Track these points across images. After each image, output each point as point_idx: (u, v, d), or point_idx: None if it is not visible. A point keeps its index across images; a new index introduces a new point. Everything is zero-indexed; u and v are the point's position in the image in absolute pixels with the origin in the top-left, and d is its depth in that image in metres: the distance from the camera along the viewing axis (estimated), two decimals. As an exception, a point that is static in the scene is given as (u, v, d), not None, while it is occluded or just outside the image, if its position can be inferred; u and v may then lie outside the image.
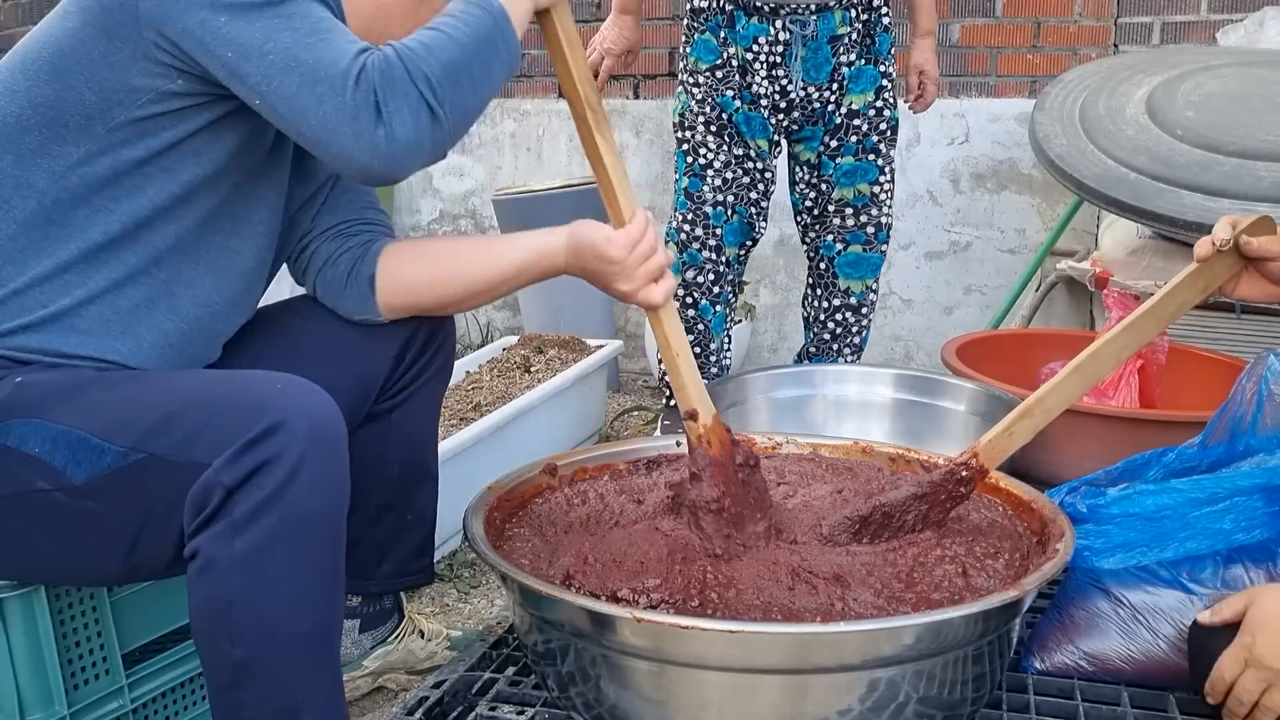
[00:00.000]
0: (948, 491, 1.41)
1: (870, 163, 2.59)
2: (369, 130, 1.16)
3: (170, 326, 1.32)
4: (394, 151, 1.17)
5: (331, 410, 1.19)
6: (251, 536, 1.12)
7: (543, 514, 1.51)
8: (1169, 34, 3.29)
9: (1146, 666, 1.42)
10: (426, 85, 1.18)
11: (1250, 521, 1.35)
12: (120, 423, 1.19)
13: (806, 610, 1.24)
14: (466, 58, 1.21)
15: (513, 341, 3.03)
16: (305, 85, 1.16)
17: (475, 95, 1.23)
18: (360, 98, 1.16)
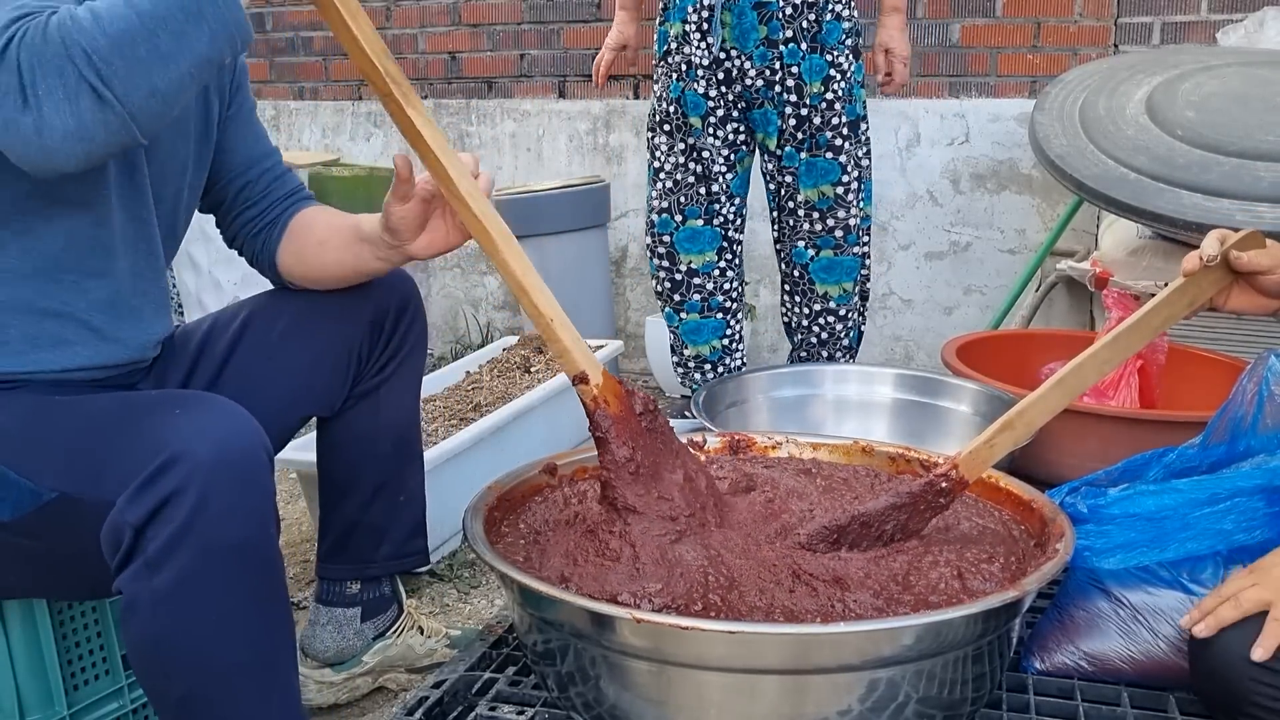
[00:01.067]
0: (927, 502, 1.41)
1: (831, 161, 2.54)
2: (15, 116, 1.00)
3: (92, 318, 1.30)
4: (47, 140, 1.01)
5: (242, 431, 1.13)
6: (169, 573, 1.08)
7: (542, 514, 1.51)
8: (1169, 34, 3.30)
9: (1146, 667, 1.42)
10: (87, 62, 1.00)
11: (1251, 522, 1.35)
12: (35, 457, 1.17)
13: (807, 612, 1.24)
14: (149, 28, 1.02)
15: (513, 341, 3.03)
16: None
17: (165, 72, 1.04)
18: (4, 79, 1.00)
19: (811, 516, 1.46)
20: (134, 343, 1.37)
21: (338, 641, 1.70)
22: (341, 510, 1.66)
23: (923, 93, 3.53)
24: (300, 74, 4.32)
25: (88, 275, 1.30)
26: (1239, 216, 2.21)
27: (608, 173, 3.86)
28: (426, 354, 1.70)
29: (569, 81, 3.91)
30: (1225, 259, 1.38)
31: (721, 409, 2.23)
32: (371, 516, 1.65)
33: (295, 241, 1.56)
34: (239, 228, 1.59)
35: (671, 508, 1.35)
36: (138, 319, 1.38)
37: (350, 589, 1.69)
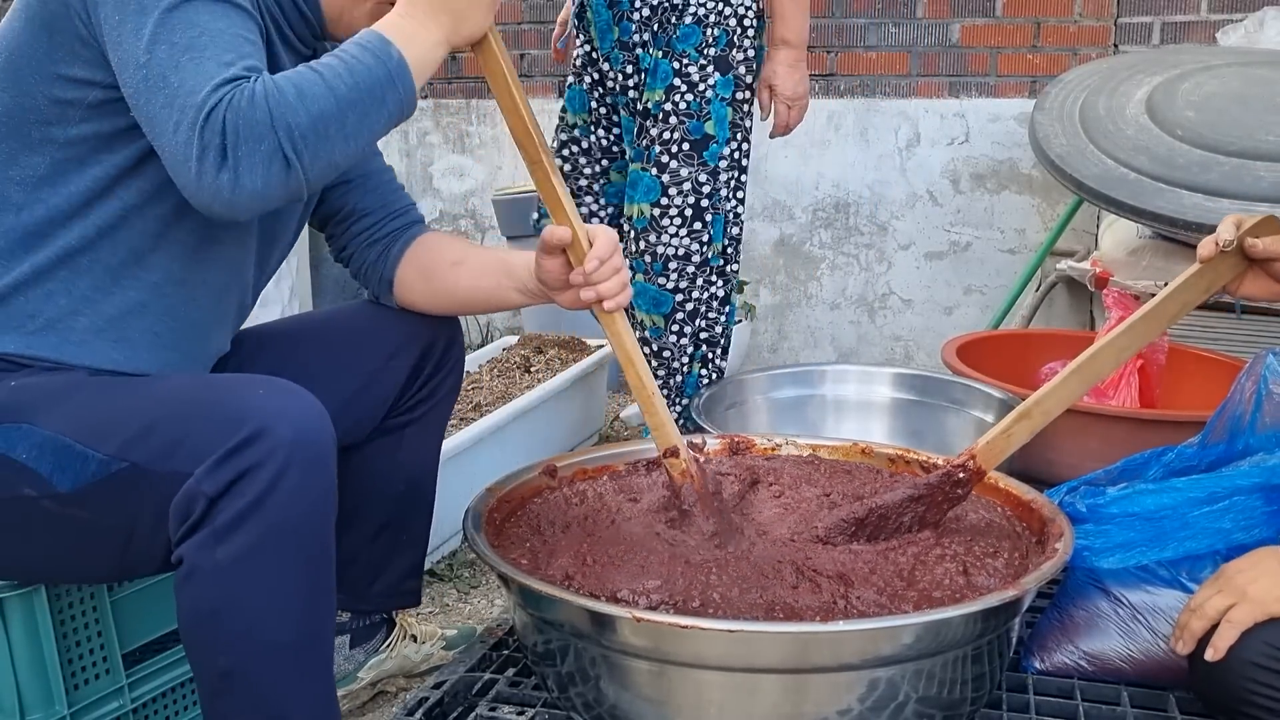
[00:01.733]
0: (944, 493, 1.41)
1: (654, 179, 2.24)
2: (211, 173, 1.09)
3: (163, 328, 1.31)
4: (236, 199, 1.10)
5: (317, 416, 1.17)
6: (234, 545, 1.11)
7: (542, 514, 1.51)
8: (1169, 34, 3.29)
9: (1146, 666, 1.42)
10: (288, 136, 1.10)
11: (1249, 520, 1.35)
12: (104, 430, 1.18)
13: (809, 608, 1.24)
14: (342, 111, 1.13)
15: (513, 341, 3.03)
16: (165, 108, 1.10)
17: (346, 147, 1.15)
18: (208, 137, 1.08)
19: (833, 502, 1.46)
20: (193, 355, 1.38)
21: None
22: (343, 541, 1.65)
23: (923, 93, 3.53)
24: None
25: (170, 280, 1.31)
26: (1239, 216, 2.21)
27: (608, 173, 3.86)
28: (455, 402, 1.70)
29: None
30: (1240, 245, 1.38)
31: (721, 410, 2.23)
32: (371, 553, 1.64)
33: (423, 258, 1.55)
34: (351, 237, 1.58)
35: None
36: (206, 334, 1.39)
37: (339, 617, 1.69)
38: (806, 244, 3.71)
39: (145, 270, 1.28)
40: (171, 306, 1.32)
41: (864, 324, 3.69)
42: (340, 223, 1.59)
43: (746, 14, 2.26)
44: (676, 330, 2.31)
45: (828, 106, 3.61)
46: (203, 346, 1.39)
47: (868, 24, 3.55)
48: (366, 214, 1.58)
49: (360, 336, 1.57)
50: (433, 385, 1.61)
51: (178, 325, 1.33)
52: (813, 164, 3.65)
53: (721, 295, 2.33)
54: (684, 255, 2.25)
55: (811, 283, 3.73)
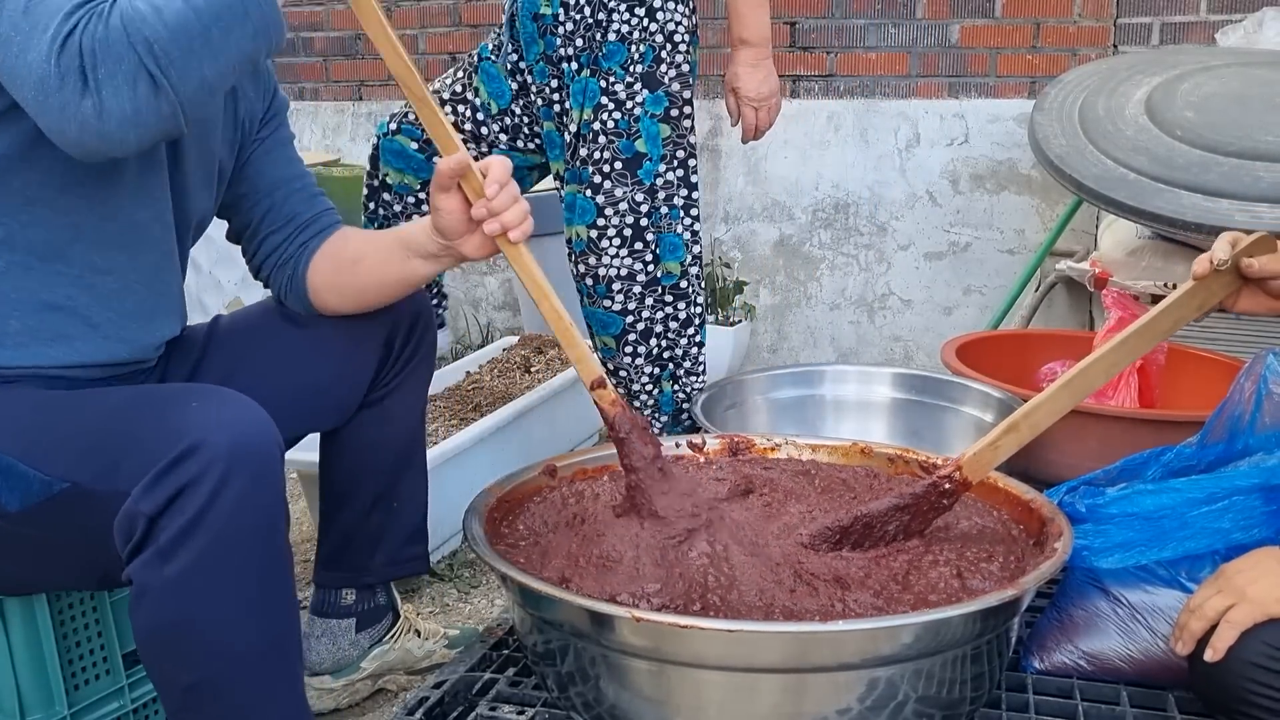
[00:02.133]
0: (930, 503, 1.42)
1: (588, 200, 2.17)
2: (74, 100, 1.04)
3: (99, 319, 1.30)
4: (105, 125, 1.06)
5: (256, 423, 1.15)
6: (181, 561, 1.09)
7: (542, 514, 1.52)
8: (1168, 34, 3.30)
9: (1146, 666, 1.42)
10: (148, 51, 1.05)
11: (1249, 520, 1.35)
12: (46, 450, 1.17)
13: (807, 611, 1.24)
14: (204, 24, 1.09)
15: (513, 341, 3.03)
16: (19, 55, 1.05)
17: (214, 64, 1.11)
18: (65, 63, 1.04)
19: (812, 517, 1.46)
20: (138, 343, 1.37)
21: (333, 653, 1.70)
22: (340, 519, 1.66)
23: (922, 93, 3.53)
24: (301, 74, 4.32)
25: (94, 270, 1.30)
26: (1238, 217, 2.21)
27: (608, 173, 3.86)
28: (434, 362, 1.70)
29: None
30: (1236, 264, 1.38)
31: (720, 410, 2.23)
32: (369, 525, 1.65)
33: (327, 262, 1.53)
34: (264, 255, 1.56)
35: (694, 503, 1.37)
36: (146, 319, 1.38)
37: (345, 599, 1.69)
38: (806, 244, 3.71)
39: (65, 264, 1.27)
40: (101, 296, 1.30)
41: (863, 324, 3.69)
42: (250, 240, 1.57)
43: (677, 29, 2.22)
44: (630, 351, 2.25)
45: (827, 107, 3.61)
46: (147, 332, 1.38)
47: (867, 24, 3.55)
48: (274, 231, 1.55)
49: (329, 321, 1.56)
50: (407, 354, 1.61)
51: (114, 315, 1.32)
52: (812, 164, 3.65)
53: (682, 316, 2.26)
54: (627, 276, 2.19)
55: (811, 283, 3.73)
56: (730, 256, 3.75)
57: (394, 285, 1.52)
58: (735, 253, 3.77)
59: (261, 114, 1.54)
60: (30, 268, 1.25)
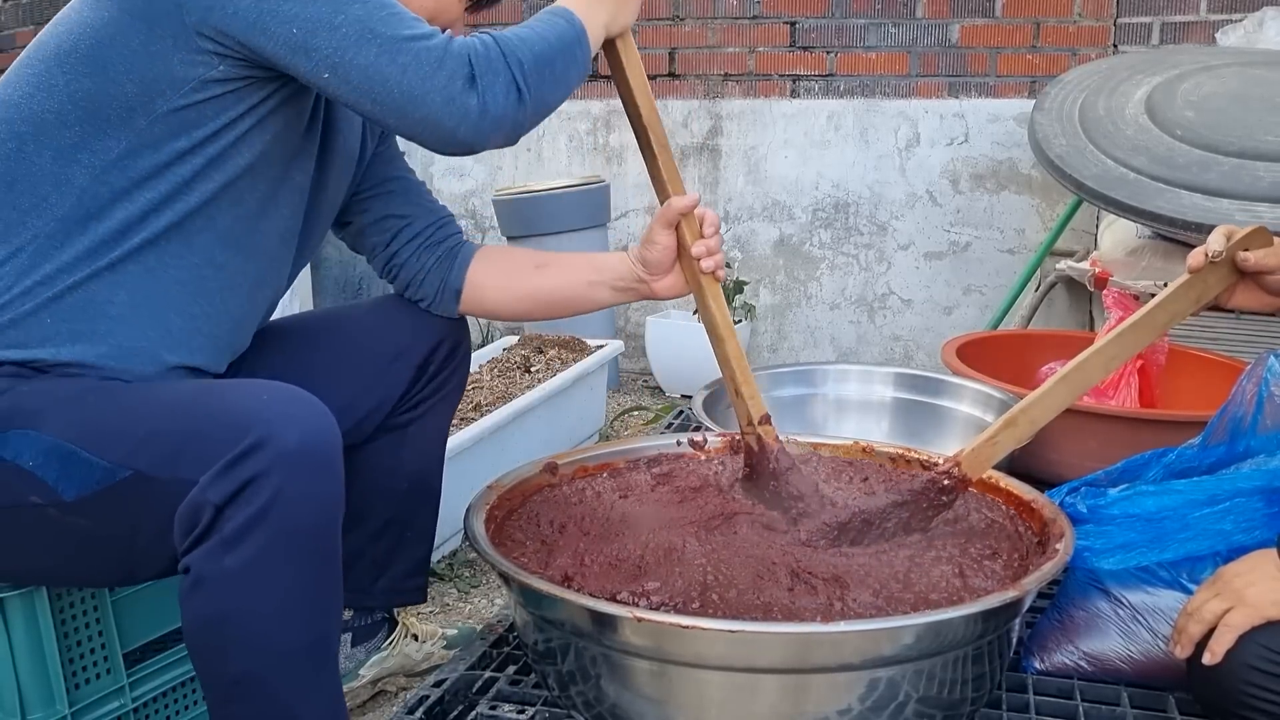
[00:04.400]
0: (929, 500, 1.41)
1: None
2: (461, 96, 1.20)
3: (198, 310, 1.31)
4: (483, 122, 1.22)
5: (322, 421, 1.17)
6: (243, 552, 1.11)
7: (543, 512, 1.52)
8: (1168, 34, 3.30)
9: (1146, 667, 1.42)
10: (519, 68, 1.24)
11: (1250, 522, 1.35)
12: (109, 437, 1.18)
13: (806, 610, 1.24)
14: (552, 55, 1.29)
15: (513, 341, 3.03)
16: (385, 55, 1.19)
17: (555, 90, 1.30)
18: (454, 66, 1.20)
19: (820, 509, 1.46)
20: (224, 346, 1.38)
21: None
22: (348, 539, 1.65)
23: (922, 93, 3.53)
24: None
25: (210, 264, 1.32)
26: (1238, 216, 2.22)
27: (608, 173, 3.86)
28: (462, 395, 1.70)
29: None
30: (1231, 257, 1.38)
31: (722, 408, 2.22)
32: (375, 550, 1.64)
33: (500, 264, 1.60)
34: (402, 244, 1.59)
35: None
36: (238, 330, 1.39)
37: (343, 615, 1.69)
38: (806, 244, 3.71)
39: (189, 251, 1.29)
40: (209, 291, 1.32)
41: (863, 324, 3.69)
42: (385, 230, 1.60)
43: None
44: None
45: (828, 106, 3.61)
46: (233, 337, 1.39)
47: (868, 24, 3.55)
48: (413, 219, 1.60)
49: (366, 336, 1.57)
50: (438, 383, 1.61)
51: (213, 311, 1.33)
52: (813, 164, 3.65)
53: None
54: None
55: (811, 283, 3.73)
56: (730, 256, 3.75)
57: (567, 304, 1.61)
58: (735, 253, 3.77)
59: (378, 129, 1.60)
60: (159, 249, 1.27)
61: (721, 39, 3.71)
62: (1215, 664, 1.25)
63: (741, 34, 3.68)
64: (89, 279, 1.24)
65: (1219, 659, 1.24)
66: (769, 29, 3.65)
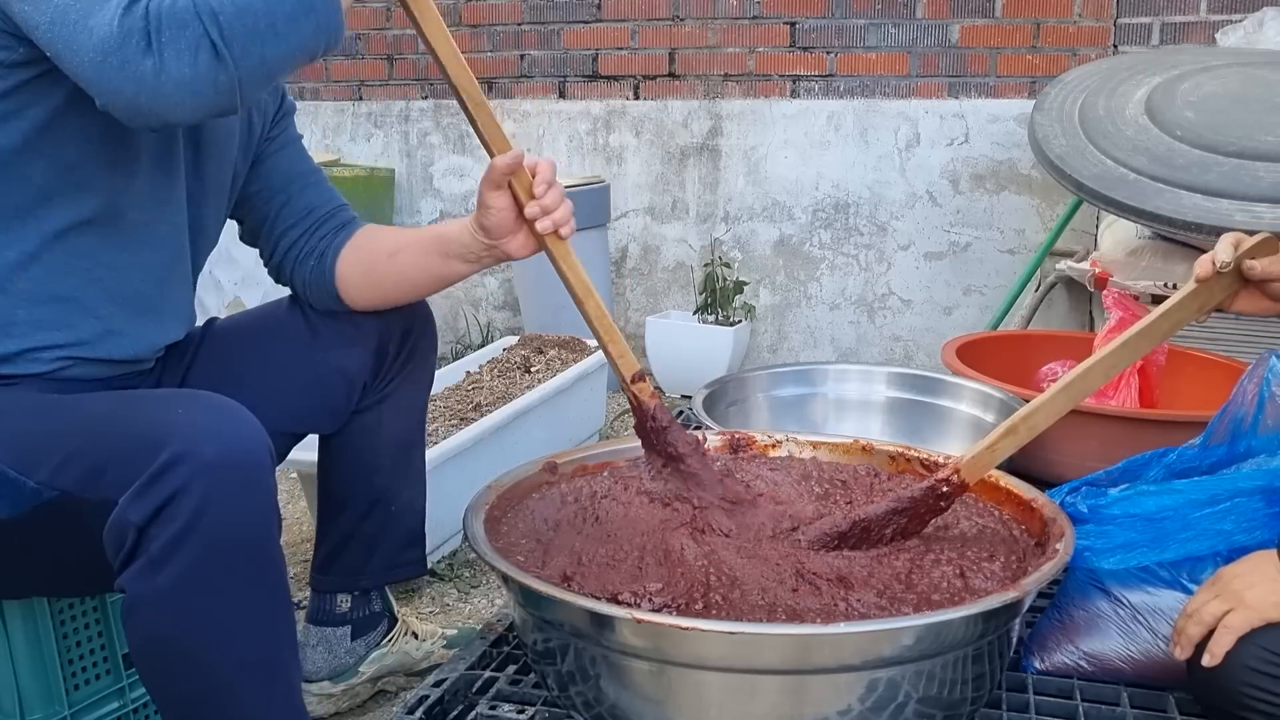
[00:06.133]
0: (927, 506, 1.42)
1: None
2: (135, 59, 1.06)
3: (104, 311, 1.31)
4: (162, 86, 1.07)
5: (243, 430, 1.14)
6: (172, 571, 1.08)
7: (543, 512, 1.51)
8: (1168, 34, 3.30)
9: (1146, 667, 1.42)
10: (213, 21, 1.08)
11: (1251, 523, 1.35)
12: (35, 456, 1.17)
13: (810, 611, 1.24)
14: (268, 5, 1.11)
15: (513, 341, 3.03)
16: (80, 21, 1.07)
17: (276, 46, 1.13)
18: (129, 24, 1.06)
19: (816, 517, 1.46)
20: (141, 339, 1.37)
21: (329, 661, 1.69)
22: (336, 523, 1.66)
23: (922, 93, 3.53)
24: (301, 74, 4.32)
25: (103, 266, 1.31)
26: (1238, 217, 2.21)
27: (607, 173, 3.86)
28: (433, 367, 1.69)
29: (569, 82, 3.92)
30: (1238, 266, 1.38)
31: (721, 408, 2.23)
32: (365, 530, 1.64)
33: (360, 257, 1.54)
34: (284, 250, 1.56)
35: (730, 487, 1.45)
36: (149, 318, 1.38)
37: (340, 606, 1.69)
38: (806, 244, 3.71)
39: (74, 256, 1.27)
40: (107, 289, 1.31)
41: (863, 324, 3.69)
42: (267, 239, 1.58)
43: None
44: None
45: (828, 107, 3.61)
46: (149, 331, 1.38)
47: (868, 24, 3.55)
48: (292, 225, 1.56)
49: (321, 326, 1.56)
50: (400, 363, 1.61)
51: (116, 309, 1.32)
52: (812, 164, 3.65)
53: None
54: None
55: (811, 283, 3.73)
56: (730, 256, 3.75)
57: (429, 283, 1.54)
58: (735, 253, 3.77)
59: (273, 114, 1.55)
60: (39, 258, 1.26)
61: (721, 39, 3.71)
62: (1215, 665, 1.25)
63: (741, 34, 3.68)
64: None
65: (1219, 660, 1.24)
66: (769, 29, 3.65)
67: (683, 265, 3.88)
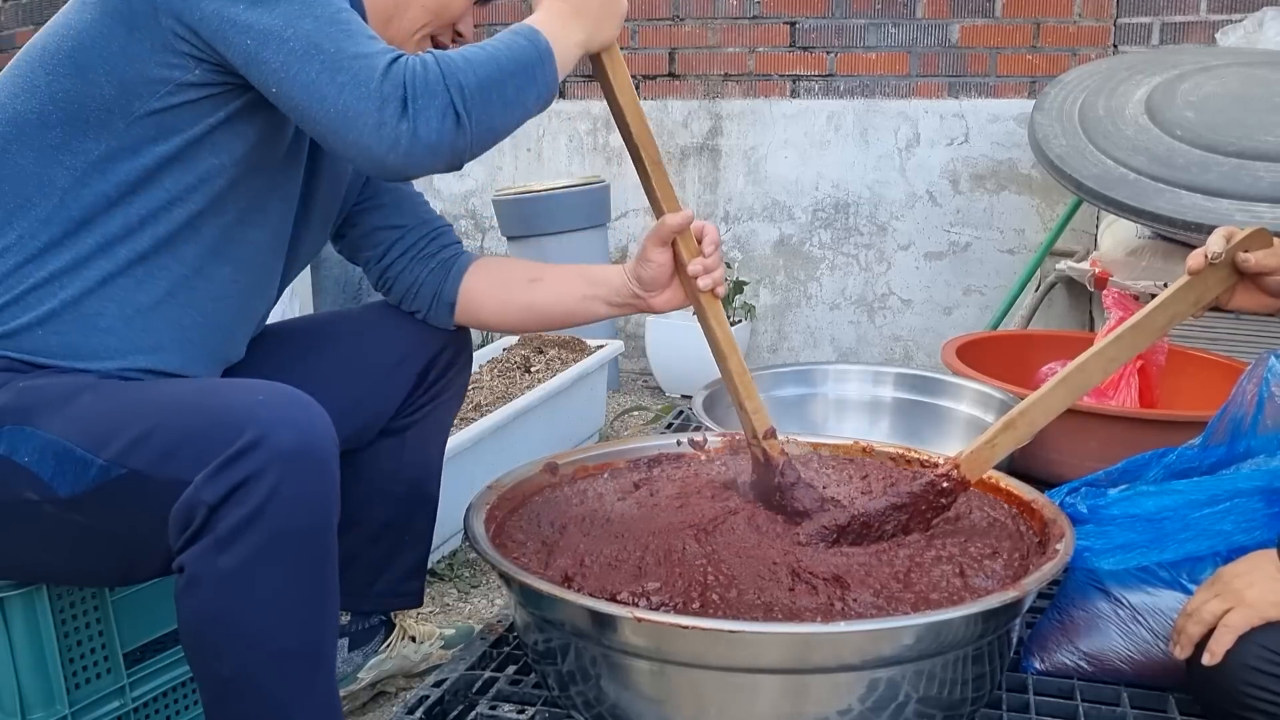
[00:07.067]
0: (928, 502, 1.41)
1: None
2: (392, 122, 1.16)
3: (189, 321, 1.31)
4: (414, 148, 1.17)
5: (318, 423, 1.16)
6: (236, 553, 1.10)
7: (543, 512, 1.52)
8: (1168, 34, 3.30)
9: (1146, 667, 1.42)
10: (459, 92, 1.18)
11: (1250, 523, 1.35)
12: (104, 435, 1.17)
13: (807, 610, 1.24)
14: (503, 77, 1.22)
15: (513, 341, 3.03)
16: (326, 73, 1.15)
17: (505, 115, 1.23)
18: (388, 89, 1.15)
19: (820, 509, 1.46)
20: (215, 360, 1.38)
21: None
22: (345, 542, 1.65)
23: (922, 93, 3.53)
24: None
25: (198, 275, 1.31)
26: (1238, 216, 2.21)
27: (608, 173, 3.86)
28: (462, 401, 1.70)
29: (569, 82, 3.92)
30: (1231, 259, 1.38)
31: (722, 408, 2.22)
32: (372, 554, 1.64)
33: (494, 276, 1.58)
34: (397, 255, 1.58)
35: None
36: (227, 337, 1.39)
37: (340, 620, 1.69)
38: (806, 244, 3.71)
39: (177, 262, 1.28)
40: (198, 301, 1.32)
41: (863, 324, 3.69)
42: (379, 243, 1.59)
43: None
44: None
45: (827, 107, 3.61)
46: (224, 347, 1.39)
47: (868, 24, 3.55)
48: (408, 230, 1.59)
49: (367, 341, 1.57)
50: (438, 389, 1.62)
51: (204, 321, 1.33)
52: (812, 164, 3.65)
53: None
54: None
55: (811, 283, 3.73)
56: (730, 256, 3.75)
57: (562, 317, 1.59)
58: (735, 253, 3.77)
59: None
60: (145, 259, 1.27)
61: (721, 39, 3.71)
62: (1215, 664, 1.25)
63: (741, 34, 3.68)
64: (82, 295, 1.24)
65: (1218, 659, 1.24)
66: (769, 29, 3.66)
67: (683, 265, 3.88)
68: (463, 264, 1.59)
